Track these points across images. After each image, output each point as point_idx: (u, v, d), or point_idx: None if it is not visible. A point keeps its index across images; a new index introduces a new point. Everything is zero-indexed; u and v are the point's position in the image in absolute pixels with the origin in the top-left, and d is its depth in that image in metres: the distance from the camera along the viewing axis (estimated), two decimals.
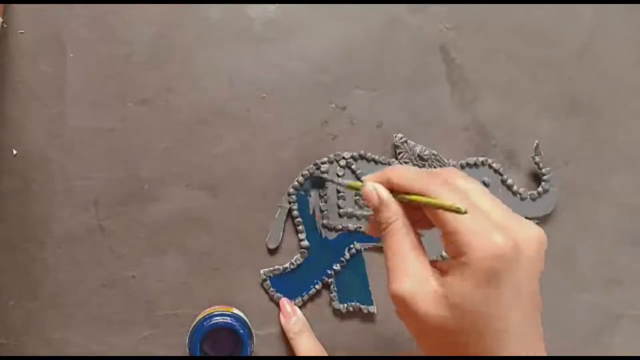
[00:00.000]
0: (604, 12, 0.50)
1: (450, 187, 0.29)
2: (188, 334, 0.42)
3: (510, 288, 0.26)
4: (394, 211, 0.30)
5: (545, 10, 0.49)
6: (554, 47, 0.49)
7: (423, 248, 0.30)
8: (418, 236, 0.30)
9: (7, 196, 0.44)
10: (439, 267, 0.28)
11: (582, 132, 0.50)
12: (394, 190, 0.31)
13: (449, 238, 0.27)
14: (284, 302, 0.46)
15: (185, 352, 0.42)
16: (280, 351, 0.47)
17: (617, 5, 0.50)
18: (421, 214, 0.30)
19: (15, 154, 0.44)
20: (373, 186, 0.31)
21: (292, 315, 0.45)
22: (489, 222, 0.27)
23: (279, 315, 0.46)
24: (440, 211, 0.28)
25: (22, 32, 0.45)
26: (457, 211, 0.27)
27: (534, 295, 0.27)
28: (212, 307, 0.45)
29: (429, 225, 0.30)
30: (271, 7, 0.47)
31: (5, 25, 0.44)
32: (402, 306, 0.28)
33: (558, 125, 0.49)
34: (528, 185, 0.49)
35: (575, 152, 0.50)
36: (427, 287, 0.27)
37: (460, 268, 0.26)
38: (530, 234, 0.27)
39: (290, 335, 0.45)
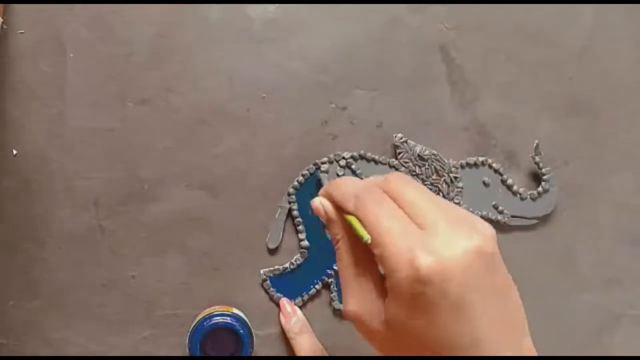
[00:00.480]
0: (604, 12, 0.50)
1: (383, 202, 0.27)
2: (188, 334, 0.42)
3: (445, 307, 0.24)
4: (339, 228, 0.29)
5: (545, 10, 0.49)
6: (554, 47, 0.49)
7: (373, 262, 0.28)
8: (368, 251, 0.28)
9: (7, 196, 0.44)
10: (387, 285, 0.27)
11: (582, 132, 0.50)
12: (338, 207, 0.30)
13: (379, 259, 0.26)
14: (284, 302, 0.46)
15: (185, 352, 0.42)
16: (280, 351, 0.47)
17: (617, 5, 0.50)
18: None
19: (15, 154, 0.44)
20: (320, 201, 0.30)
21: (292, 315, 0.45)
22: (418, 238, 0.25)
23: (279, 315, 0.46)
24: (372, 228, 0.26)
25: (22, 32, 0.45)
26: (362, 239, 0.26)
27: (486, 303, 0.24)
28: (212, 307, 0.45)
29: None
30: (271, 7, 0.47)
31: (5, 26, 0.44)
32: (355, 323, 0.28)
33: (558, 125, 0.49)
34: (528, 185, 0.49)
35: (575, 152, 0.50)
36: (373, 306, 0.27)
37: (391, 290, 0.26)
38: (462, 246, 0.24)
39: (290, 335, 0.45)
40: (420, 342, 0.25)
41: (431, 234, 0.25)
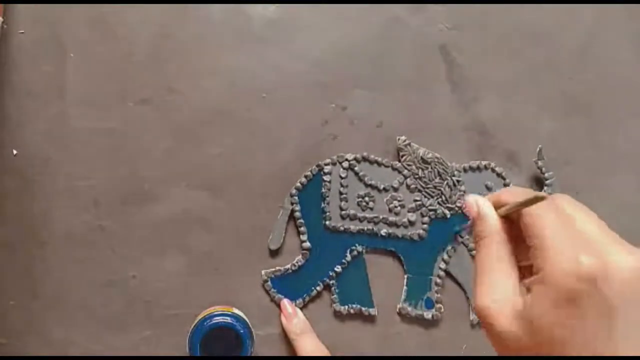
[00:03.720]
0: (604, 12, 0.50)
1: (554, 207, 0.28)
2: (188, 334, 0.42)
3: (594, 314, 0.24)
4: (488, 225, 0.29)
5: (545, 10, 0.49)
6: (554, 47, 0.49)
7: (514, 264, 0.29)
8: (513, 256, 0.29)
9: (7, 196, 0.44)
10: (528, 283, 0.27)
11: (582, 132, 0.50)
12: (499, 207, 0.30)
13: (534, 252, 0.26)
14: (285, 302, 0.46)
15: (185, 352, 0.42)
16: (280, 351, 0.46)
17: (617, 5, 0.50)
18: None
19: (15, 154, 0.44)
20: (474, 198, 0.31)
21: (294, 316, 0.45)
22: (581, 243, 0.25)
23: (280, 316, 0.46)
24: (531, 225, 0.27)
25: (22, 32, 0.45)
26: (538, 199, 0.26)
27: (629, 327, 0.24)
28: (212, 307, 0.45)
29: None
30: (271, 7, 0.47)
31: (5, 25, 0.44)
32: (485, 320, 0.27)
33: (558, 126, 0.49)
34: (529, 186, 0.49)
35: (575, 152, 0.50)
36: (509, 302, 0.26)
37: (540, 286, 0.25)
38: (626, 260, 0.25)
39: (292, 336, 0.45)
40: (555, 344, 0.25)
41: (596, 243, 0.26)
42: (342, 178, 0.47)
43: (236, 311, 0.44)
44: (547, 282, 0.25)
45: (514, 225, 0.29)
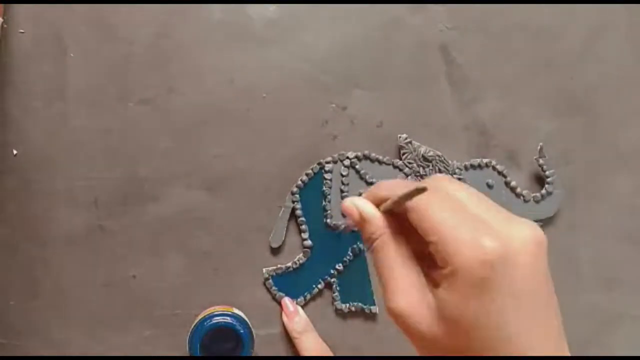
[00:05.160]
0: (604, 12, 0.50)
1: (439, 195, 0.27)
2: (188, 334, 0.42)
3: (506, 295, 0.24)
4: (377, 225, 0.28)
5: (545, 10, 0.49)
6: (554, 47, 0.49)
7: (415, 260, 0.28)
8: (410, 248, 0.28)
9: (8, 196, 0.44)
10: (433, 278, 0.27)
11: (582, 132, 0.50)
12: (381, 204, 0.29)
13: (435, 247, 0.25)
14: (287, 301, 0.46)
15: (185, 352, 0.42)
16: (280, 351, 0.46)
17: (617, 5, 0.50)
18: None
19: (16, 154, 0.44)
20: (351, 201, 0.29)
21: (295, 315, 0.45)
22: (477, 226, 0.25)
23: (281, 314, 0.46)
24: (421, 221, 0.26)
25: (22, 32, 0.45)
26: (419, 191, 0.25)
27: (540, 298, 0.25)
28: (213, 307, 0.45)
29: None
30: (271, 7, 0.47)
31: (5, 25, 0.44)
32: (400, 322, 0.27)
33: (558, 125, 0.49)
34: (529, 184, 0.49)
35: (575, 152, 0.50)
36: (421, 301, 0.26)
37: (449, 278, 0.24)
38: (526, 235, 0.25)
39: (293, 335, 0.45)
40: (473, 333, 0.24)
41: (491, 222, 0.25)
42: (343, 176, 0.47)
43: (236, 311, 0.44)
44: (454, 274, 0.24)
45: (401, 217, 0.28)
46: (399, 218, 0.28)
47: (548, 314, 0.26)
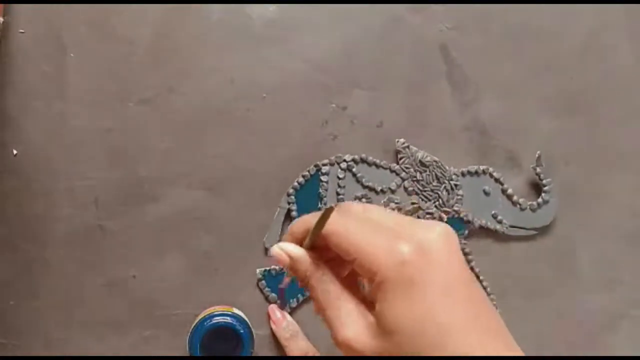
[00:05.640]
0: (604, 11, 0.50)
1: (347, 215, 0.28)
2: (188, 334, 0.42)
3: (433, 292, 0.25)
4: (305, 264, 0.29)
5: (545, 10, 0.49)
6: (554, 47, 0.49)
7: (348, 288, 0.28)
8: (341, 277, 0.29)
9: (8, 196, 0.44)
10: (369, 299, 0.27)
11: (582, 132, 0.50)
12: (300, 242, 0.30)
13: (357, 264, 0.26)
14: (273, 308, 0.46)
15: (185, 352, 0.42)
16: (280, 351, 0.46)
17: (617, 5, 0.50)
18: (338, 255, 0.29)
19: (16, 154, 0.44)
20: (279, 247, 0.30)
21: (283, 321, 0.45)
22: (390, 234, 0.26)
23: (268, 321, 0.46)
24: (339, 242, 0.27)
25: (22, 32, 0.45)
26: (329, 212, 0.26)
27: (463, 289, 0.25)
28: (212, 307, 0.45)
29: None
30: (271, 7, 0.47)
31: (5, 25, 0.44)
32: (352, 352, 0.27)
33: (558, 125, 0.49)
34: (528, 188, 0.49)
35: (575, 152, 0.50)
36: (364, 325, 0.26)
37: (379, 290, 0.25)
38: (434, 232, 0.26)
39: (282, 341, 0.45)
40: (414, 338, 0.25)
41: (402, 229, 0.26)
42: (339, 179, 0.47)
43: (236, 311, 0.44)
44: (381, 284, 0.25)
45: (324, 249, 0.29)
46: (323, 251, 0.29)
47: (478, 304, 0.26)
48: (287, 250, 0.29)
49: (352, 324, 0.27)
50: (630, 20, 0.50)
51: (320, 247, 0.29)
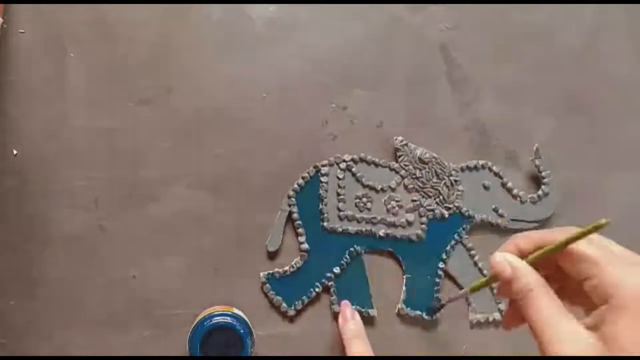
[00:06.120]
0: (604, 12, 0.50)
1: (588, 240, 0.29)
2: (188, 334, 0.42)
3: None
4: (532, 277, 0.29)
5: (545, 10, 0.49)
6: (554, 47, 0.49)
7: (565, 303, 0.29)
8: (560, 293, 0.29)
9: (7, 196, 0.44)
10: (588, 323, 0.28)
11: (582, 132, 0.50)
12: (523, 256, 0.30)
13: (591, 283, 0.27)
14: (347, 305, 0.46)
15: (185, 352, 0.42)
16: (280, 351, 0.46)
17: (617, 5, 0.50)
18: (551, 273, 0.30)
19: (16, 154, 0.44)
20: (503, 256, 0.30)
21: (351, 319, 0.45)
22: (628, 261, 0.27)
23: (337, 319, 0.46)
24: (577, 260, 0.28)
25: (22, 32, 0.45)
26: (601, 226, 0.27)
27: None
28: (212, 307, 0.45)
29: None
30: (271, 7, 0.47)
31: (5, 25, 0.44)
32: None
33: (558, 125, 0.49)
34: (528, 185, 0.49)
35: (575, 152, 0.50)
36: (586, 346, 0.26)
37: (614, 313, 0.26)
38: None
39: (344, 337, 0.44)
40: None
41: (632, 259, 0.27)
42: (339, 179, 0.47)
43: (236, 311, 0.44)
44: (621, 308, 0.25)
45: (535, 266, 0.29)
46: (536, 267, 0.29)
47: None
48: (511, 261, 0.30)
49: (571, 344, 0.27)
50: (630, 20, 0.50)
51: (533, 264, 0.29)
